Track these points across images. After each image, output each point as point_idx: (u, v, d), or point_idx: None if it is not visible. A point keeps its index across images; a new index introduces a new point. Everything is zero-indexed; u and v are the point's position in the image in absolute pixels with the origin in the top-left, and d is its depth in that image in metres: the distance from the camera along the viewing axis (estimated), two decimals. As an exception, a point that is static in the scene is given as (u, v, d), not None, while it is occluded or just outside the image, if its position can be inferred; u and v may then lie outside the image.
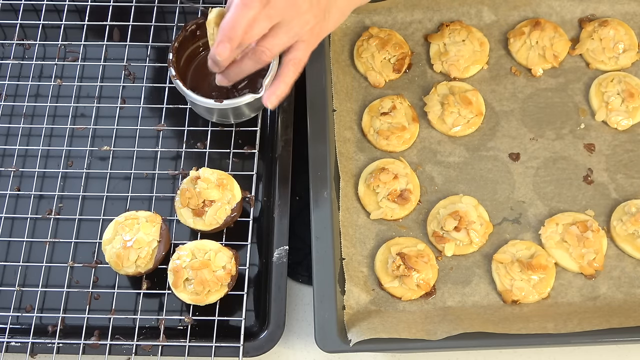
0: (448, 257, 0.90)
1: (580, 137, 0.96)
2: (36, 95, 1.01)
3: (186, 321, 0.87)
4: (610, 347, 0.88)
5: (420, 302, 0.87)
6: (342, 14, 0.88)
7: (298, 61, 0.83)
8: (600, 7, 1.02)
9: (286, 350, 0.89)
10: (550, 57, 0.99)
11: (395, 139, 0.95)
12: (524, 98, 0.99)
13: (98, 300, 0.90)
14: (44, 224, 0.93)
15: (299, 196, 0.95)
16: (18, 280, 0.90)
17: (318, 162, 0.90)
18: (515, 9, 1.02)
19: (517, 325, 0.83)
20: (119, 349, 0.86)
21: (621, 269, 0.89)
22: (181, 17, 1.03)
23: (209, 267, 0.84)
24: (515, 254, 0.88)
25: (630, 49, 0.99)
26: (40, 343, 0.86)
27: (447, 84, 0.98)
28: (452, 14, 1.02)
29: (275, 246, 0.89)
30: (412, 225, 0.92)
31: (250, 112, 0.95)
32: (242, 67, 0.83)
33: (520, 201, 0.93)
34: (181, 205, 0.89)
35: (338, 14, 0.87)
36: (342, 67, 0.99)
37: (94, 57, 1.02)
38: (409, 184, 0.92)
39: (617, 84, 0.97)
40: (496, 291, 0.88)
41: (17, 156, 0.97)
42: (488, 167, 0.95)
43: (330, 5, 0.84)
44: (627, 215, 0.90)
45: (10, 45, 1.04)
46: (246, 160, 0.96)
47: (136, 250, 0.85)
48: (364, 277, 0.88)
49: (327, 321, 0.82)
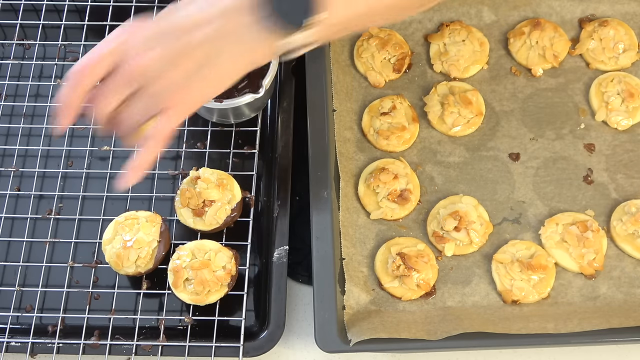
0: (448, 257, 0.90)
1: (580, 137, 0.96)
2: (36, 95, 1.01)
3: (186, 321, 0.87)
4: (610, 347, 0.88)
5: (420, 302, 0.87)
6: (222, 77, 0.69)
7: (155, 135, 0.69)
8: (600, 7, 1.02)
9: (286, 350, 0.89)
10: (550, 57, 0.99)
11: (395, 139, 0.95)
12: (524, 98, 0.99)
13: (98, 300, 0.90)
14: (44, 224, 0.93)
15: (299, 196, 0.95)
16: (18, 280, 0.90)
17: (318, 162, 0.90)
18: (515, 9, 1.02)
19: (517, 325, 0.83)
20: (119, 349, 0.86)
21: (621, 269, 0.89)
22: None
23: (209, 267, 0.84)
24: (515, 254, 0.88)
25: (630, 49, 0.99)
26: (40, 343, 0.86)
27: (447, 84, 0.98)
28: (452, 14, 1.02)
29: (275, 246, 0.89)
30: (412, 225, 0.92)
31: (250, 112, 0.95)
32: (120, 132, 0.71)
33: (520, 201, 0.93)
34: (181, 205, 0.89)
35: (215, 75, 0.68)
36: (342, 67, 0.99)
37: (94, 57, 1.02)
38: (409, 184, 0.92)
39: (617, 84, 0.97)
40: (496, 291, 0.88)
41: (17, 156, 0.97)
42: (488, 167, 0.95)
43: (205, 65, 0.67)
44: (627, 215, 0.90)
45: (10, 45, 1.04)
46: (246, 160, 0.96)
47: (136, 250, 0.85)
48: (364, 277, 0.88)
49: (327, 321, 0.82)
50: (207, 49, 0.66)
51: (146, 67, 0.67)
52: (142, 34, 0.68)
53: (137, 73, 0.67)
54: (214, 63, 0.67)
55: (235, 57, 0.67)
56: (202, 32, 0.66)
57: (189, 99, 0.69)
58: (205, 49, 0.66)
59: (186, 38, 0.66)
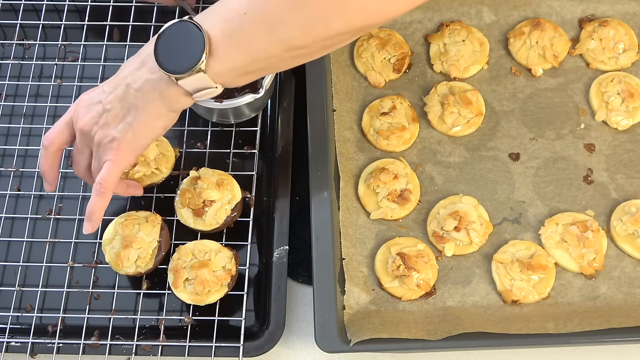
0: (448, 257, 0.90)
1: (580, 137, 0.96)
2: (36, 95, 1.01)
3: (186, 321, 0.87)
4: (610, 347, 0.88)
5: (420, 302, 0.87)
6: (147, 127, 0.76)
7: (99, 184, 0.77)
8: (600, 7, 1.02)
9: (286, 350, 0.89)
10: (550, 57, 0.99)
11: (395, 139, 0.95)
12: (524, 98, 0.99)
13: (98, 300, 0.90)
14: (44, 224, 0.93)
15: (299, 196, 0.95)
16: (18, 280, 0.90)
17: (318, 162, 0.90)
18: (515, 9, 1.02)
19: (517, 325, 0.83)
20: (119, 349, 0.86)
21: (621, 269, 0.89)
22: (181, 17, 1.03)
23: (209, 267, 0.84)
24: (515, 254, 0.88)
25: (630, 49, 0.99)
26: (40, 343, 0.86)
27: (447, 84, 0.98)
28: (452, 14, 1.02)
29: (275, 246, 0.89)
30: (412, 225, 0.92)
31: (250, 112, 0.95)
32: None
33: (520, 201, 0.93)
34: (181, 205, 0.89)
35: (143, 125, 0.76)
36: (342, 67, 0.99)
37: (94, 57, 1.02)
38: (409, 184, 0.92)
39: (617, 84, 0.97)
40: (496, 291, 0.88)
41: (17, 156, 0.97)
42: (488, 167, 0.95)
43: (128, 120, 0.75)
44: (627, 215, 0.90)
45: (10, 45, 1.04)
46: (246, 160, 0.96)
47: (136, 250, 0.86)
48: (364, 277, 0.88)
49: (327, 321, 0.82)
50: (125, 105, 0.75)
51: (83, 128, 0.78)
52: (84, 101, 0.79)
53: (81, 134, 0.78)
54: (135, 116, 0.75)
55: (149, 105, 0.74)
56: (121, 91, 0.75)
57: (123, 151, 0.76)
58: (124, 105, 0.75)
59: (107, 98, 0.76)
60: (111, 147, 0.76)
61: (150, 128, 0.76)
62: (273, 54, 0.70)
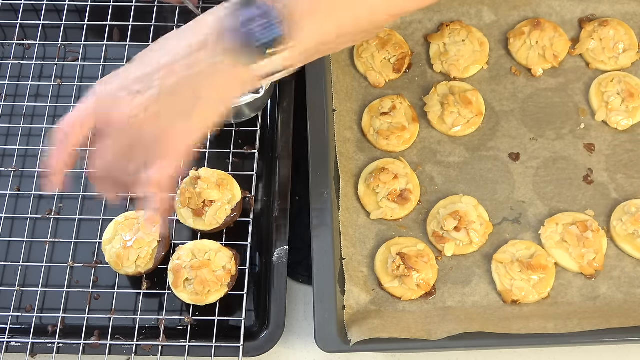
0: (448, 257, 0.90)
1: (580, 137, 0.96)
2: (36, 95, 1.01)
3: (186, 321, 0.87)
4: (610, 347, 0.88)
5: (420, 302, 0.87)
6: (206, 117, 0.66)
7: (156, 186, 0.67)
8: (600, 7, 1.02)
9: (286, 350, 0.89)
10: (550, 57, 0.99)
11: (395, 139, 0.95)
12: (524, 98, 0.99)
13: (98, 300, 0.90)
14: (44, 224, 0.93)
15: (299, 196, 0.95)
16: (18, 280, 0.90)
17: (318, 162, 0.90)
18: (515, 9, 1.02)
19: (517, 325, 0.83)
20: (119, 349, 0.86)
21: (621, 269, 0.89)
22: (181, 17, 1.03)
23: (209, 267, 0.84)
24: (515, 254, 0.88)
25: (630, 49, 0.99)
26: (40, 343, 0.86)
27: (447, 84, 0.98)
28: (452, 14, 1.02)
29: (275, 246, 0.89)
30: (412, 225, 0.92)
31: (250, 112, 0.95)
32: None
33: (520, 201, 0.93)
34: (181, 205, 0.89)
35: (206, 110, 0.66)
36: (342, 67, 0.99)
37: (94, 57, 1.02)
38: (409, 184, 0.92)
39: (617, 84, 0.97)
40: (496, 291, 0.88)
41: (17, 156, 0.97)
42: (488, 167, 0.95)
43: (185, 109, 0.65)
44: (627, 215, 0.90)
45: (10, 45, 1.04)
46: (246, 160, 0.96)
47: (136, 250, 0.86)
48: (364, 277, 0.88)
49: (327, 321, 0.82)
50: (184, 92, 0.64)
51: (121, 119, 0.65)
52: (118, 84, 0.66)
53: (124, 123, 0.65)
54: (194, 105, 0.65)
55: (212, 94, 0.65)
56: (175, 77, 0.64)
57: (177, 146, 0.66)
58: (182, 92, 0.64)
59: (161, 84, 0.64)
60: (163, 144, 0.65)
61: (207, 121, 0.66)
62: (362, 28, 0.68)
